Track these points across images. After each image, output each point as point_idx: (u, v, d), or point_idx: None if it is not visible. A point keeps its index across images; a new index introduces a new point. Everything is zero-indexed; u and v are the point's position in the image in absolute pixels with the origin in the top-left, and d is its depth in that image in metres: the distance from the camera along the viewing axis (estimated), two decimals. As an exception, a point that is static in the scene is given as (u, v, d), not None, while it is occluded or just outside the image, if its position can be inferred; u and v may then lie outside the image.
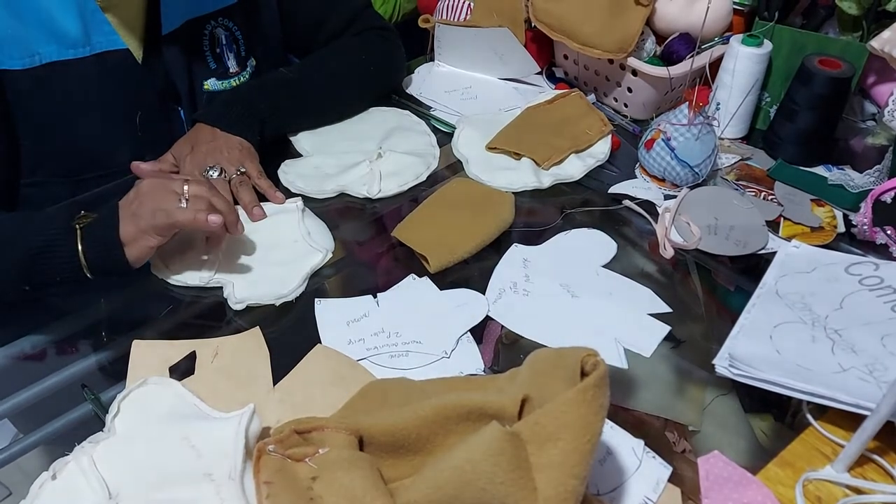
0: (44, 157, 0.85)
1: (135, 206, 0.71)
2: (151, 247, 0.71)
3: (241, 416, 0.57)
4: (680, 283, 0.81)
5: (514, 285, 0.78)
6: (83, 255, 0.69)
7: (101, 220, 0.71)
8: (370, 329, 0.73)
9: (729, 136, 1.03)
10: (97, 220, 0.71)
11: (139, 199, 0.71)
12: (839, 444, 0.62)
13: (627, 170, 0.97)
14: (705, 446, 0.63)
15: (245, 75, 0.99)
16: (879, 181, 0.90)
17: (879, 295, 0.74)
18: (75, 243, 0.69)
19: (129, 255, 0.70)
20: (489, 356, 0.71)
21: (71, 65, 0.82)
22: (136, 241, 0.70)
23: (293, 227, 0.83)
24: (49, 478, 0.56)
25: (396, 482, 0.57)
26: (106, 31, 0.83)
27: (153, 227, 0.70)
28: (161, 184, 0.72)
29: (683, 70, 1.00)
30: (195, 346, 0.69)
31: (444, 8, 1.18)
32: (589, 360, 0.53)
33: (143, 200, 0.71)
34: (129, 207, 0.71)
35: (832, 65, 0.93)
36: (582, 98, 1.06)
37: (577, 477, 0.49)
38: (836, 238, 0.86)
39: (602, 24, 1.00)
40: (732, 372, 0.66)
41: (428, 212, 0.87)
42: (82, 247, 0.69)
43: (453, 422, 0.56)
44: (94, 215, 0.71)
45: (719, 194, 0.91)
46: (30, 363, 0.72)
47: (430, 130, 1.03)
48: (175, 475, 0.55)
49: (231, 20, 0.96)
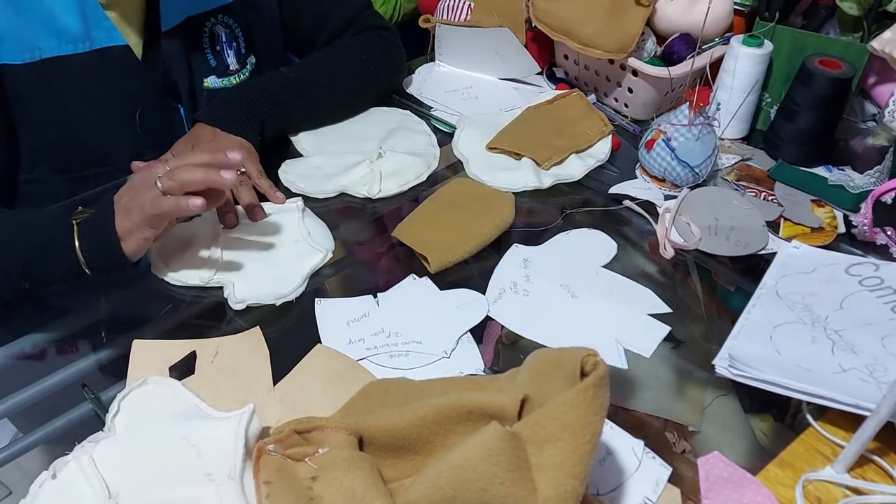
0: (43, 152, 0.85)
1: (125, 200, 0.70)
2: (147, 238, 0.71)
3: (241, 416, 0.57)
4: (680, 284, 0.81)
5: (515, 285, 0.78)
6: (80, 251, 0.69)
7: (96, 215, 0.70)
8: (370, 329, 0.73)
9: (729, 137, 1.03)
10: (93, 215, 0.70)
11: (130, 192, 0.71)
12: (839, 445, 0.62)
13: (628, 170, 0.97)
14: (705, 447, 0.63)
15: (245, 73, 0.99)
16: (880, 182, 0.90)
17: (880, 296, 0.74)
18: (72, 239, 0.69)
19: (125, 249, 0.70)
20: (489, 356, 0.71)
21: (71, 60, 0.82)
22: (131, 234, 0.70)
23: (293, 227, 0.83)
24: (49, 477, 0.56)
25: (396, 482, 0.57)
26: (106, 27, 0.83)
27: (145, 220, 0.69)
28: (147, 174, 0.71)
29: (684, 70, 1.00)
30: (195, 346, 0.69)
31: (444, 8, 1.18)
32: (589, 360, 0.53)
33: (133, 194, 0.70)
34: (121, 201, 0.71)
35: (833, 65, 0.93)
36: (582, 98, 1.06)
37: (576, 477, 0.49)
38: (836, 239, 0.86)
39: (603, 24, 1.00)
40: (732, 372, 0.66)
41: (428, 212, 0.87)
42: (79, 243, 0.69)
43: (453, 422, 0.56)
44: (91, 211, 0.71)
45: (720, 195, 0.91)
46: (30, 363, 0.72)
47: (430, 130, 1.03)
48: (175, 475, 0.55)
49: (231, 17, 0.96)
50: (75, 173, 0.88)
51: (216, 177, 0.70)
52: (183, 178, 0.69)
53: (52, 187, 0.87)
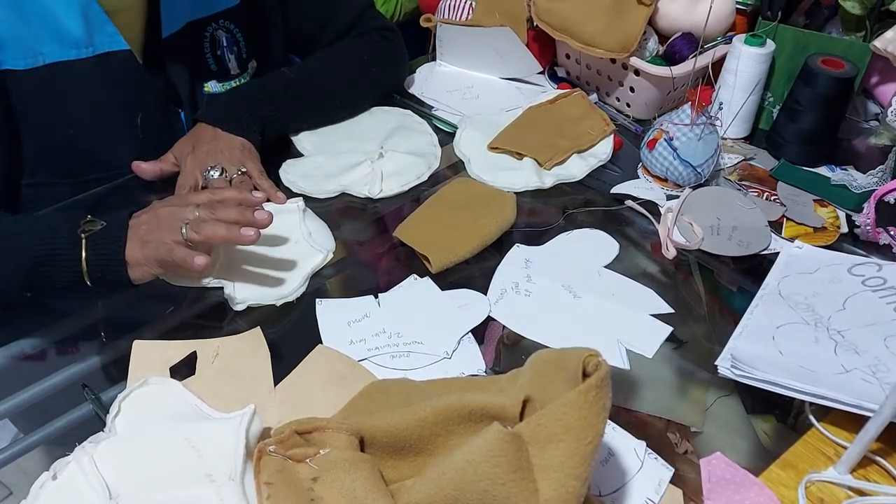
0: (45, 157, 0.85)
1: (144, 231, 0.70)
2: (153, 274, 0.72)
3: (242, 417, 0.57)
4: (682, 284, 0.81)
5: (516, 285, 0.78)
6: (85, 263, 0.69)
7: (107, 231, 0.70)
8: (371, 329, 0.73)
9: (731, 136, 1.03)
10: (103, 231, 0.70)
11: (151, 223, 0.71)
12: (842, 446, 0.62)
13: (629, 170, 0.97)
14: (707, 447, 0.63)
15: (246, 77, 0.99)
16: (883, 182, 0.90)
17: (882, 296, 0.73)
18: (79, 252, 0.69)
19: (131, 275, 0.71)
20: (490, 357, 0.71)
21: (73, 65, 0.81)
22: (139, 265, 0.70)
23: (294, 227, 0.83)
24: (50, 478, 0.56)
25: (397, 483, 0.57)
26: (108, 32, 0.83)
27: (156, 260, 0.70)
28: (175, 213, 0.71)
29: (686, 70, 0.99)
30: (196, 347, 0.69)
31: (445, 7, 1.17)
32: (591, 360, 0.53)
33: (153, 227, 0.71)
34: (138, 229, 0.71)
35: (835, 65, 0.93)
36: (584, 98, 1.06)
37: (578, 478, 0.49)
38: (839, 239, 0.85)
39: (604, 23, 1.00)
40: (735, 373, 0.66)
41: (429, 212, 0.86)
42: (86, 254, 0.69)
43: (454, 423, 0.56)
44: (101, 224, 0.70)
45: (722, 194, 0.90)
46: (30, 363, 0.72)
47: (431, 130, 1.03)
48: (175, 476, 0.55)
49: (232, 22, 0.96)
50: (77, 178, 0.88)
51: (241, 236, 0.71)
52: (208, 234, 0.69)
53: (53, 191, 0.87)
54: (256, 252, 0.80)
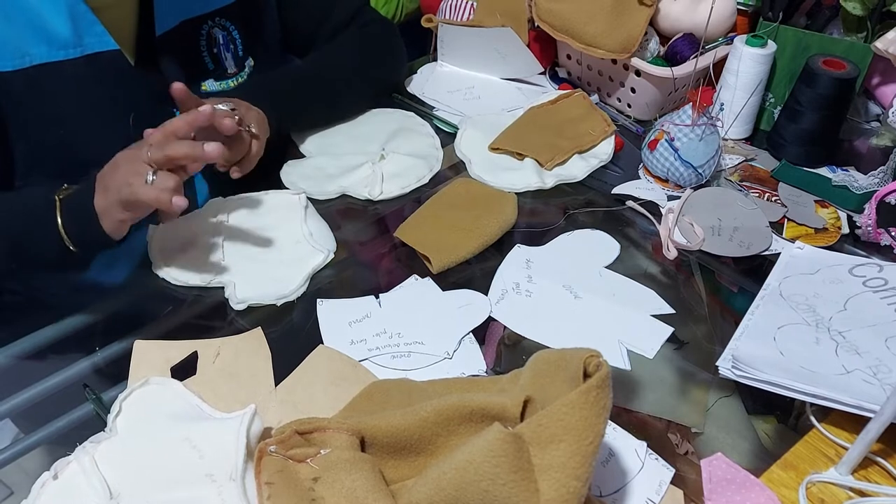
0: (38, 158, 0.84)
1: (106, 178, 0.70)
2: (123, 221, 0.70)
3: (243, 417, 0.57)
4: (683, 285, 0.81)
5: (517, 286, 0.78)
6: (63, 227, 0.69)
7: (79, 190, 0.70)
8: (372, 330, 0.73)
9: (733, 137, 1.03)
10: (77, 190, 0.70)
11: (112, 170, 0.70)
12: (843, 447, 0.62)
13: (631, 170, 0.97)
14: (708, 448, 0.63)
15: (243, 76, 0.99)
16: (884, 182, 0.90)
17: (883, 297, 0.73)
18: (56, 216, 0.69)
19: (105, 227, 0.70)
20: (491, 357, 0.71)
21: (62, 66, 0.81)
22: (107, 212, 0.69)
23: (295, 227, 0.83)
24: (50, 478, 0.56)
25: (398, 483, 0.57)
26: (97, 32, 0.82)
27: (119, 202, 0.69)
28: (135, 155, 0.70)
29: (687, 70, 0.99)
30: (197, 347, 0.69)
31: (447, 8, 1.17)
32: (592, 361, 0.53)
33: (114, 173, 0.70)
34: (102, 179, 0.70)
35: (836, 65, 0.93)
36: (585, 98, 1.06)
37: (579, 478, 0.49)
38: (840, 239, 0.85)
39: (605, 24, 1.00)
40: (735, 373, 0.66)
41: (430, 212, 0.86)
42: (62, 219, 0.69)
43: (455, 423, 0.56)
44: (76, 187, 0.70)
45: (723, 195, 0.90)
46: (31, 363, 0.72)
47: (433, 132, 1.03)
48: (176, 476, 0.55)
49: (228, 20, 0.95)
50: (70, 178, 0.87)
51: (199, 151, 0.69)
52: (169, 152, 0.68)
53: None
54: (257, 252, 0.80)
